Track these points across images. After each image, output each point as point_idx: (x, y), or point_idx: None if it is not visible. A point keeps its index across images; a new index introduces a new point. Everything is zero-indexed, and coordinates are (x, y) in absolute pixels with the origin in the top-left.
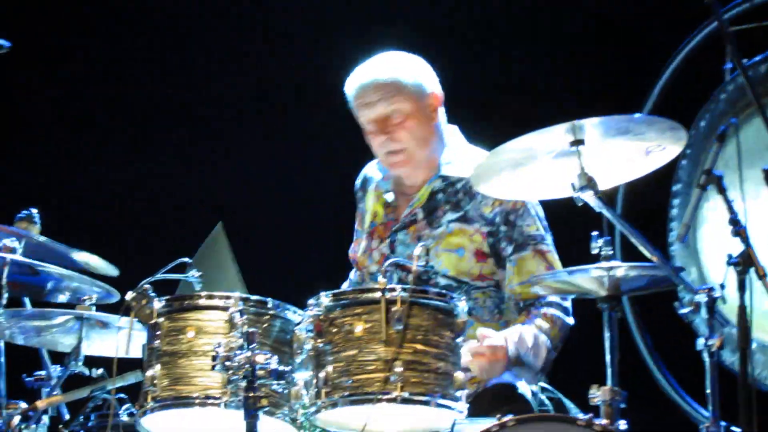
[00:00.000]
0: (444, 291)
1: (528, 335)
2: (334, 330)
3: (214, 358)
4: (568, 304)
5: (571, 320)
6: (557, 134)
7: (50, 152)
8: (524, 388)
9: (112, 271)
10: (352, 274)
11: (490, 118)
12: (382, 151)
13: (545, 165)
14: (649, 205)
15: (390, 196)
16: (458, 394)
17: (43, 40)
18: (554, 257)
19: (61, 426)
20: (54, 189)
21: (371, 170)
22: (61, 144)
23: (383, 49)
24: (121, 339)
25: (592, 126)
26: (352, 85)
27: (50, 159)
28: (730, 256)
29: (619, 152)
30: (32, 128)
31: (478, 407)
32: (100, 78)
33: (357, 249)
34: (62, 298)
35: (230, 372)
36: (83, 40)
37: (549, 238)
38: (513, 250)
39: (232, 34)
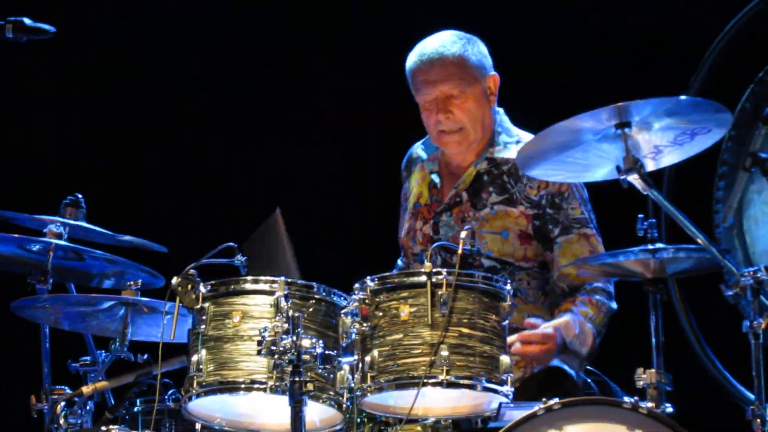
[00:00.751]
0: (490, 274)
1: (574, 323)
2: (380, 314)
3: (259, 343)
4: (611, 288)
5: (614, 305)
6: (603, 117)
7: (95, 136)
8: (571, 369)
9: (159, 248)
10: (400, 261)
11: (535, 100)
12: (437, 129)
13: (591, 147)
14: (695, 188)
15: (435, 177)
16: (504, 377)
17: (83, 23)
18: (598, 241)
19: (106, 412)
20: (100, 173)
21: (417, 150)
22: (106, 127)
23: (426, 25)
24: (166, 324)
25: (637, 108)
26: (415, 62)
27: (95, 143)
28: None
29: (664, 134)
30: (76, 112)
31: (528, 390)
32: (147, 60)
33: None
34: (108, 283)
35: (276, 356)
36: (122, 20)
37: (594, 222)
38: (559, 232)
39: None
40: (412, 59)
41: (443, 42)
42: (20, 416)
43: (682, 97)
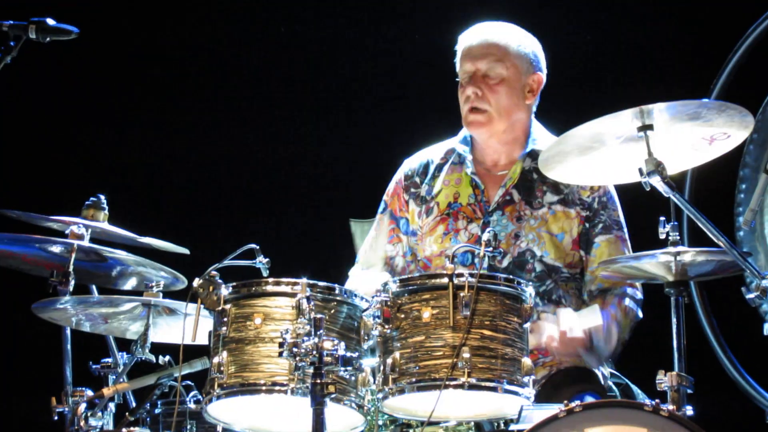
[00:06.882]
0: (512, 276)
1: (603, 325)
2: (402, 316)
3: (281, 345)
4: (640, 297)
5: (641, 314)
6: (625, 119)
7: (118, 136)
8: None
9: (182, 250)
10: (356, 271)
11: (557, 102)
12: (466, 106)
13: (613, 150)
14: (716, 190)
15: (475, 177)
16: (525, 379)
17: (107, 25)
18: (629, 247)
19: (127, 413)
20: (122, 174)
21: (430, 154)
22: (129, 127)
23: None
24: (188, 326)
25: (660, 111)
26: (466, 36)
27: (118, 143)
28: None
29: (684, 138)
30: (98, 112)
31: (552, 388)
32: (170, 60)
33: (399, 243)
34: (129, 284)
35: (297, 359)
36: (147, 19)
37: (626, 228)
38: (599, 231)
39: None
40: (463, 34)
41: (500, 26)
42: (41, 418)
43: (705, 100)
